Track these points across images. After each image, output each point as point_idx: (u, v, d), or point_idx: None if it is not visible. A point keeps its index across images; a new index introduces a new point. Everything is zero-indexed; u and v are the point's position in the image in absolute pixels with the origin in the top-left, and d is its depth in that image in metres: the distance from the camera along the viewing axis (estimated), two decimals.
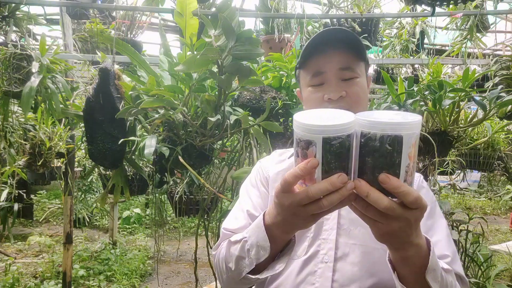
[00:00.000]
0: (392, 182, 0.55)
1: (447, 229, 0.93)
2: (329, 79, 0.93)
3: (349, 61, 0.93)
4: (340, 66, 0.92)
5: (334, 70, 0.92)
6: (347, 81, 0.92)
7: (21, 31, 2.76)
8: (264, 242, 0.76)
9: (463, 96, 2.16)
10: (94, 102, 1.79)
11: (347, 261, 0.87)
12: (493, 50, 4.45)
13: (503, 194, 7.39)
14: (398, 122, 0.52)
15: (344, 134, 0.53)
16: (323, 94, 0.92)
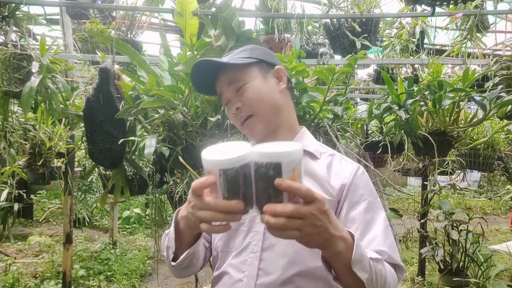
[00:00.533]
0: (285, 182, 0.65)
1: (384, 222, 0.96)
2: (227, 97, 1.03)
3: (232, 74, 1.01)
4: (227, 83, 1.01)
5: (225, 88, 1.02)
6: (239, 90, 1.00)
7: (21, 31, 2.76)
8: (173, 234, 0.92)
9: (463, 96, 2.16)
10: (94, 102, 1.79)
11: (274, 251, 0.95)
12: (493, 50, 4.44)
13: (503, 194, 7.39)
14: (277, 152, 0.66)
15: (237, 165, 0.65)
16: (229, 110, 1.04)
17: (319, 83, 3.50)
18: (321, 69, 1.95)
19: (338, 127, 1.97)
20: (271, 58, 1.08)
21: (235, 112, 1.01)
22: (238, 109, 1.00)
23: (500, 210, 8.18)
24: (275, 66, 1.05)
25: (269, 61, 1.05)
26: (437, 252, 3.52)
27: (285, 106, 1.05)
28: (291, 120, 1.07)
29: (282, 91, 1.04)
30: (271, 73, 1.04)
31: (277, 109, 1.02)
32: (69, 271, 2.81)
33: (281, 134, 1.04)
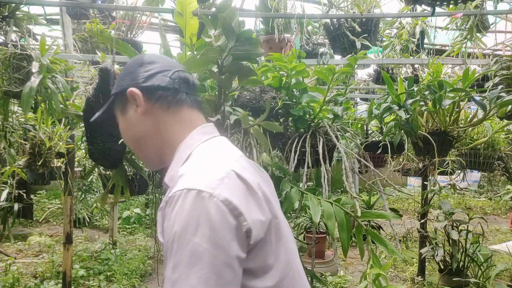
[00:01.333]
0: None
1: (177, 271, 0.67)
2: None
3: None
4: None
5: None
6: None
7: (21, 31, 2.76)
8: None
9: (463, 96, 2.16)
10: (94, 102, 1.79)
11: None
12: (493, 50, 4.44)
13: (503, 194, 7.39)
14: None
15: None
16: None
17: (319, 83, 3.50)
18: (321, 69, 1.95)
19: (338, 127, 1.97)
20: (124, 82, 0.91)
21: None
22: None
23: (500, 210, 8.18)
24: (126, 91, 0.88)
25: (121, 89, 0.90)
26: (437, 252, 3.52)
27: (149, 131, 0.89)
28: (167, 139, 0.89)
29: (144, 115, 0.88)
30: (127, 103, 0.90)
31: (139, 142, 0.90)
32: (69, 271, 2.81)
33: (166, 158, 0.89)
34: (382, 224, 4.84)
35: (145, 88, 0.88)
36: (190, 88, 0.94)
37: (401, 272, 4.50)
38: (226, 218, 0.69)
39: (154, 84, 0.88)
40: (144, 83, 0.88)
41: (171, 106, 0.89)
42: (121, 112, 0.93)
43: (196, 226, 0.66)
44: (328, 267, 4.39)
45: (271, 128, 1.67)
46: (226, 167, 0.77)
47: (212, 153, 0.84)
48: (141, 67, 0.91)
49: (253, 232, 0.72)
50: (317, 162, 1.86)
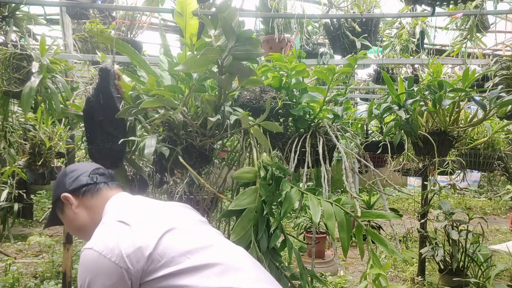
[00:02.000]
0: None
1: None
2: None
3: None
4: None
5: None
6: None
7: (21, 31, 2.76)
8: None
9: (463, 96, 2.16)
10: (94, 102, 1.79)
11: None
12: (493, 50, 4.45)
13: (503, 194, 7.39)
14: None
15: None
16: None
17: (319, 83, 3.50)
18: (321, 69, 1.95)
19: (338, 127, 1.97)
20: (57, 192, 1.20)
21: None
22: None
23: (500, 210, 8.18)
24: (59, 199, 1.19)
25: (55, 198, 1.20)
26: (437, 252, 3.52)
27: (84, 218, 1.17)
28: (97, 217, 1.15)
29: (77, 208, 1.17)
30: (64, 205, 1.19)
31: (82, 229, 1.17)
32: (69, 271, 2.81)
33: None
34: (382, 224, 4.84)
35: (72, 190, 1.19)
36: (107, 177, 1.26)
37: (401, 272, 4.50)
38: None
39: (78, 185, 1.19)
40: (70, 187, 1.19)
41: (94, 194, 1.20)
42: (62, 214, 1.21)
43: None
44: (328, 267, 4.39)
45: (271, 128, 1.67)
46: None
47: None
48: (66, 177, 1.22)
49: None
50: (317, 162, 1.86)
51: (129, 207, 1.12)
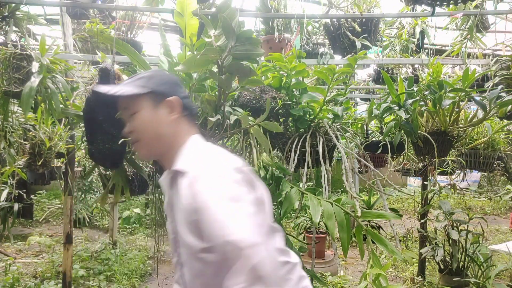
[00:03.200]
0: None
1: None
2: (124, 118, 1.13)
3: (125, 102, 1.10)
4: (122, 106, 1.12)
5: (122, 110, 1.13)
6: (131, 116, 1.09)
7: (21, 31, 2.76)
8: None
9: (463, 96, 2.16)
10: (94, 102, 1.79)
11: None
12: (493, 50, 4.44)
13: (503, 194, 7.39)
14: None
15: None
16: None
17: (319, 83, 3.50)
18: (321, 69, 1.95)
19: (338, 127, 1.97)
20: (166, 88, 1.12)
21: (125, 134, 1.11)
22: (130, 132, 1.10)
23: (500, 210, 8.18)
24: (168, 97, 1.10)
25: (162, 91, 1.10)
26: (437, 252, 3.52)
27: (172, 135, 1.09)
28: (179, 142, 1.09)
29: (173, 120, 1.09)
30: (162, 103, 1.09)
31: (159, 138, 1.07)
32: (69, 271, 2.81)
33: (170, 156, 1.08)
34: (382, 224, 4.84)
35: (184, 103, 1.13)
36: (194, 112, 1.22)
37: (401, 272, 4.50)
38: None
39: (187, 104, 1.14)
40: (183, 99, 1.13)
41: (188, 122, 1.14)
42: (152, 106, 1.08)
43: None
44: (328, 267, 4.39)
45: (271, 128, 1.67)
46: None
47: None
48: (179, 87, 1.17)
49: None
50: (317, 162, 1.86)
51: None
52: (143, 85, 1.08)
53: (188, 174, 0.96)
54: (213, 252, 0.83)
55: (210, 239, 0.83)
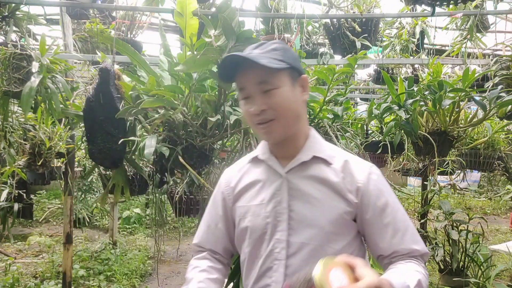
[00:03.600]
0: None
1: (405, 214, 1.04)
2: (250, 93, 0.99)
3: (264, 75, 0.97)
4: (257, 80, 0.97)
5: (253, 85, 0.98)
6: (267, 93, 0.97)
7: (21, 31, 2.76)
8: None
9: (463, 96, 2.16)
10: (94, 102, 1.79)
11: (297, 258, 0.99)
12: (493, 50, 4.44)
13: (503, 194, 7.39)
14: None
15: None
16: (249, 107, 0.99)
17: (319, 83, 3.50)
18: (321, 69, 1.95)
19: (338, 127, 1.97)
20: (299, 65, 1.05)
21: (256, 112, 0.98)
22: (263, 111, 0.97)
23: (500, 210, 8.18)
24: (301, 74, 1.04)
25: (298, 68, 1.02)
26: (437, 252, 3.52)
27: (303, 115, 1.06)
28: (305, 126, 1.08)
29: (304, 101, 1.05)
30: (298, 81, 1.02)
31: (298, 118, 1.01)
32: (69, 271, 2.81)
33: (295, 140, 1.05)
34: None
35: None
36: None
37: None
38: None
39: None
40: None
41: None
42: (291, 84, 1.00)
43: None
44: None
45: None
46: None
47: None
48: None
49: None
50: None
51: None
52: (282, 59, 0.97)
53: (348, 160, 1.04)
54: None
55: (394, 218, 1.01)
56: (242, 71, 0.99)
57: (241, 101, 1.03)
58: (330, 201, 0.99)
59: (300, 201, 1.01)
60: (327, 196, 1.00)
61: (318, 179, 1.01)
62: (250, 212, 1.05)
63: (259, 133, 1.03)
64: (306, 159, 1.03)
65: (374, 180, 1.02)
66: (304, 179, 1.02)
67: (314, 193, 1.00)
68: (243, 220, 1.06)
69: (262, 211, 1.03)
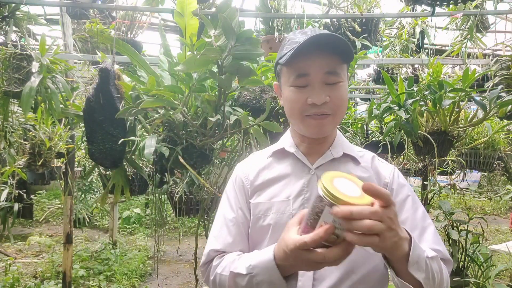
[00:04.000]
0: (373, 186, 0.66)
1: (427, 214, 0.99)
2: (313, 82, 0.91)
3: (335, 65, 0.91)
4: (326, 70, 0.91)
5: (320, 74, 0.91)
6: (331, 85, 0.91)
7: (21, 31, 2.76)
8: (280, 283, 0.81)
9: (463, 96, 2.16)
10: (94, 102, 1.79)
11: None
12: (493, 50, 4.45)
13: (503, 194, 7.39)
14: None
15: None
16: (306, 97, 0.92)
17: None
18: None
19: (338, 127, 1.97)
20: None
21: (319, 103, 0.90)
22: (325, 103, 0.91)
23: (500, 210, 8.18)
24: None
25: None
26: None
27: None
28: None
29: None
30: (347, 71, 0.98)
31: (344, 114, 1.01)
32: (69, 271, 2.81)
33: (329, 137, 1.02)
34: None
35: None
36: None
37: None
38: None
39: None
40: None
41: None
42: (346, 78, 0.97)
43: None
44: None
45: (271, 128, 1.67)
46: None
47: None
48: None
49: None
50: None
51: None
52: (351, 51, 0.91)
53: (374, 158, 1.03)
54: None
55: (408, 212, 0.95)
56: (310, 55, 0.90)
57: (292, 88, 0.94)
58: None
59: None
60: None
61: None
62: (274, 209, 0.97)
63: (304, 125, 0.96)
64: (337, 156, 1.00)
65: (398, 177, 1.01)
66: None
67: None
68: (265, 217, 0.97)
69: (287, 208, 0.96)
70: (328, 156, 1.00)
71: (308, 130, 0.96)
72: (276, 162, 1.04)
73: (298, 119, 0.96)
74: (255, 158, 1.10)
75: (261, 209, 0.99)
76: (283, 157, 1.04)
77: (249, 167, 1.07)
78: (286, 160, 1.03)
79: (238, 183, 1.06)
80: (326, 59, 0.90)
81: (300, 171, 0.99)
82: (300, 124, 0.96)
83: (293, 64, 0.92)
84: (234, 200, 1.05)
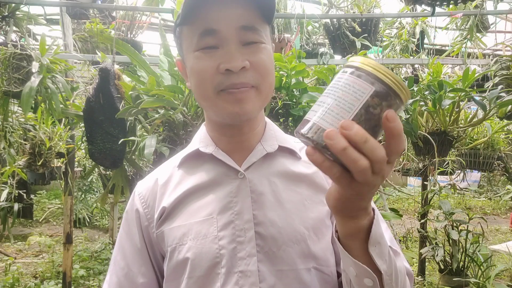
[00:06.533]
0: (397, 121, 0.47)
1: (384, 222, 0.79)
2: (226, 41, 0.66)
3: (253, 19, 0.67)
4: (241, 23, 0.66)
5: (233, 29, 0.66)
6: (249, 45, 0.67)
7: (21, 31, 2.76)
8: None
9: (463, 96, 2.16)
10: (94, 102, 1.79)
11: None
12: (493, 50, 4.45)
13: (503, 194, 7.39)
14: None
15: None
16: (218, 63, 0.66)
17: (319, 83, 3.50)
18: (321, 69, 1.95)
19: None
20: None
21: (235, 69, 0.65)
22: (244, 68, 0.66)
23: (500, 210, 8.18)
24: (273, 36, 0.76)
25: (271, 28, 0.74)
26: (437, 252, 3.52)
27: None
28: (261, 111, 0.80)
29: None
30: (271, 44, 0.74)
31: (272, 93, 0.73)
32: (69, 271, 2.81)
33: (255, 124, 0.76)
34: None
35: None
36: None
37: None
38: None
39: None
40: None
41: None
42: (269, 41, 0.73)
43: None
44: None
45: None
46: None
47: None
48: None
49: None
50: None
51: None
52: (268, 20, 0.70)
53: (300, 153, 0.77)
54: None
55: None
56: (217, 5, 0.66)
57: (197, 53, 0.68)
58: (311, 203, 0.72)
59: (269, 209, 0.70)
60: (306, 196, 0.73)
61: (290, 176, 0.74)
62: (191, 234, 0.70)
63: (219, 105, 0.68)
64: (271, 150, 0.75)
65: None
66: (272, 177, 0.73)
67: (288, 195, 0.72)
68: (179, 248, 0.70)
69: (211, 228, 0.69)
70: (260, 151, 0.74)
71: (225, 111, 0.68)
72: (187, 171, 0.77)
73: (210, 99, 0.68)
74: (160, 171, 0.82)
75: (175, 237, 0.71)
76: (198, 162, 0.76)
77: (151, 186, 0.79)
78: (202, 166, 0.76)
79: (132, 213, 0.78)
80: (240, 9, 0.66)
81: (224, 177, 0.73)
82: (213, 106, 0.69)
83: (195, 19, 0.66)
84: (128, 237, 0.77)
